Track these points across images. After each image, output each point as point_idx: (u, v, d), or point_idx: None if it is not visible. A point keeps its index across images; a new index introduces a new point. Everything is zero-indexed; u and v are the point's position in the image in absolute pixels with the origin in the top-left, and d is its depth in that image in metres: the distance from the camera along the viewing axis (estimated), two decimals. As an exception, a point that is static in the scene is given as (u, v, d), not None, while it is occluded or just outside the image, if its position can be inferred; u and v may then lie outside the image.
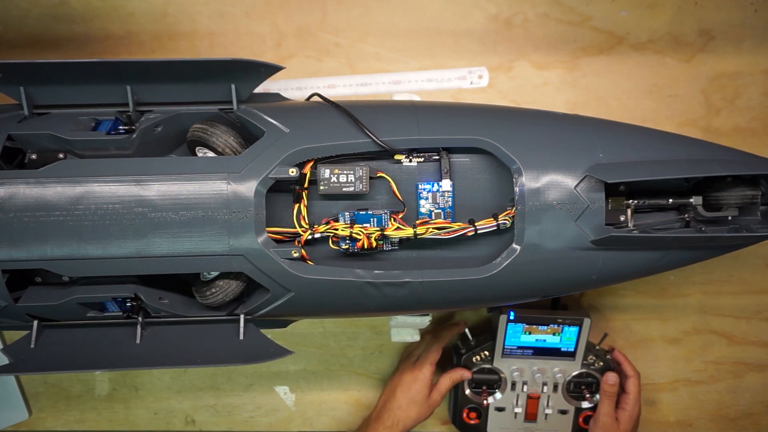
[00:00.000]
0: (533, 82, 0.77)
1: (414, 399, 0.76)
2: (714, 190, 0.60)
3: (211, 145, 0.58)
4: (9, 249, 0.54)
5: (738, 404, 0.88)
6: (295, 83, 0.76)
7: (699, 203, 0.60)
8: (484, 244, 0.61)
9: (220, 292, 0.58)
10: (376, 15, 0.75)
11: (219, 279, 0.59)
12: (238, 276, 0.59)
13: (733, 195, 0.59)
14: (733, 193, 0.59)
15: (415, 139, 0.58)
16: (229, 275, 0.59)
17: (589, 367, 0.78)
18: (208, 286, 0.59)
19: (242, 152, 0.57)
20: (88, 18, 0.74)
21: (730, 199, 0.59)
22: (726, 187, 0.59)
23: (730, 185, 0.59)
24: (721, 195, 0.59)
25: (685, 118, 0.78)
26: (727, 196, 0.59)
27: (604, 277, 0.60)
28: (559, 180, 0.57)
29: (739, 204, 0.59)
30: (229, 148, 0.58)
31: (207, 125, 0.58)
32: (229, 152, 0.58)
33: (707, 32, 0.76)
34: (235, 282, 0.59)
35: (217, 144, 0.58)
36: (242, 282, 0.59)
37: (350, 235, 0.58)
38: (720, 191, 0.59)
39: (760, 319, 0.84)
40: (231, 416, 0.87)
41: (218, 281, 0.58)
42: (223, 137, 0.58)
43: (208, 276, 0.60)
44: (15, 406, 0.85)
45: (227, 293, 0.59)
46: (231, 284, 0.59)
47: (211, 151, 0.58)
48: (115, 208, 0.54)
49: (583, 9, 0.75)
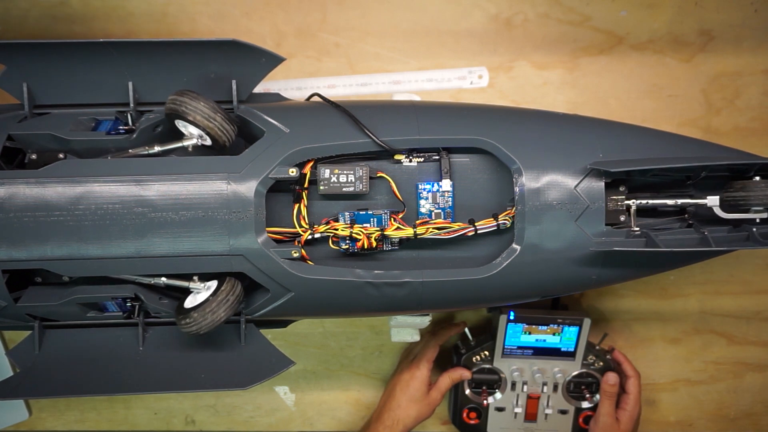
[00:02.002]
0: (533, 82, 0.77)
1: (413, 397, 0.76)
2: (734, 190, 0.57)
3: (188, 118, 0.55)
4: (9, 249, 0.54)
5: (738, 404, 0.88)
6: (295, 83, 0.76)
7: (716, 204, 0.58)
8: (484, 244, 0.61)
9: (194, 324, 0.55)
10: (376, 15, 0.75)
11: (194, 311, 0.55)
12: (217, 309, 0.55)
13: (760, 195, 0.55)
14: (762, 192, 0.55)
15: (415, 139, 0.58)
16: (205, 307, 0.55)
17: (589, 367, 0.78)
18: (183, 315, 0.55)
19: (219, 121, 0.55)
20: (88, 18, 0.74)
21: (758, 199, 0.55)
22: (752, 187, 0.56)
23: (757, 184, 0.56)
24: (748, 195, 0.56)
25: (685, 118, 0.78)
26: (755, 197, 0.55)
27: (604, 277, 0.60)
28: (559, 180, 0.57)
29: None
30: (206, 117, 0.55)
31: (180, 95, 0.55)
32: (208, 123, 0.55)
33: (707, 32, 0.76)
34: (212, 315, 0.55)
35: (192, 115, 0.55)
36: (223, 314, 0.55)
37: (350, 235, 0.58)
38: (746, 191, 0.56)
39: (760, 319, 0.84)
40: (231, 416, 0.87)
41: (193, 312, 0.55)
42: (198, 107, 0.55)
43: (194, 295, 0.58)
44: (15, 406, 0.85)
45: (201, 326, 0.55)
46: (206, 317, 0.55)
47: (189, 124, 0.56)
48: (115, 208, 0.54)
49: (583, 9, 0.75)
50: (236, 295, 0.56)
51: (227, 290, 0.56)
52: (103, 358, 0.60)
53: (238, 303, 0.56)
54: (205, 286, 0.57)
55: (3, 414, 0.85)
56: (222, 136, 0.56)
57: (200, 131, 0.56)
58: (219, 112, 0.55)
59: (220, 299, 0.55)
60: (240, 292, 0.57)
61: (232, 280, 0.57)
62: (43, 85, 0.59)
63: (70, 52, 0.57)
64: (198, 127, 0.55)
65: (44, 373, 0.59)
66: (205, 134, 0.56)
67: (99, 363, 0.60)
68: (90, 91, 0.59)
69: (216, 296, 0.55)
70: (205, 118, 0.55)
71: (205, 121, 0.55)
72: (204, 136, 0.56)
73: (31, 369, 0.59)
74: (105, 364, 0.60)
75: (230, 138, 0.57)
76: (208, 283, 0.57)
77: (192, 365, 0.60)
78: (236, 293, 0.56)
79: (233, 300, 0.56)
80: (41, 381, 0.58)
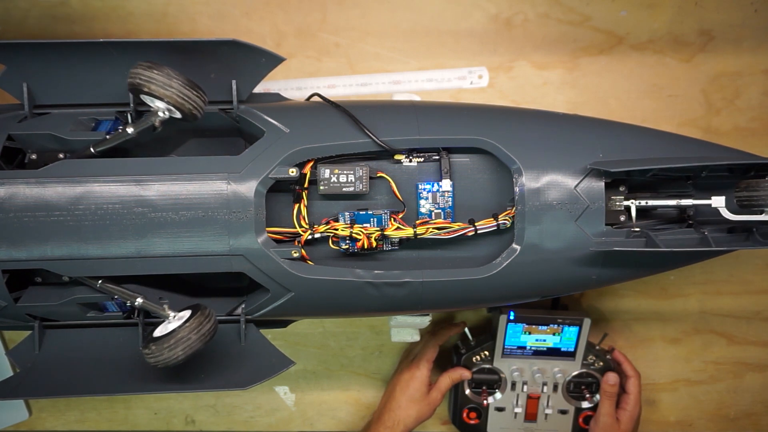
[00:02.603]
0: (533, 82, 0.77)
1: (413, 397, 0.76)
2: (745, 189, 0.55)
3: (144, 90, 0.52)
4: (9, 249, 0.54)
5: (738, 404, 0.88)
6: (295, 83, 0.76)
7: (721, 204, 0.56)
8: (484, 244, 0.61)
9: (152, 356, 0.52)
10: (376, 15, 0.75)
11: (154, 343, 0.52)
12: (174, 347, 0.52)
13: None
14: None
15: (415, 139, 0.58)
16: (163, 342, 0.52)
17: (589, 367, 0.78)
18: (145, 344, 0.53)
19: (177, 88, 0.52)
20: (88, 18, 0.74)
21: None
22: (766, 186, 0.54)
23: None
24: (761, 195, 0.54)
25: (685, 118, 0.78)
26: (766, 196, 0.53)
27: (604, 277, 0.60)
28: (559, 180, 0.57)
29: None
30: (161, 86, 0.52)
31: (136, 68, 0.52)
32: (165, 91, 0.52)
33: (707, 32, 0.76)
34: (168, 352, 0.52)
35: (147, 87, 0.52)
36: (181, 353, 0.52)
37: (350, 235, 0.58)
38: (758, 191, 0.54)
39: (760, 319, 0.84)
40: (231, 416, 0.87)
41: (152, 344, 0.52)
42: (152, 77, 0.52)
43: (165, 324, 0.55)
44: (15, 406, 0.85)
45: (158, 360, 0.52)
46: (162, 353, 0.52)
47: (148, 96, 0.53)
48: (115, 208, 0.54)
49: (583, 9, 0.75)
50: (200, 333, 0.53)
51: (190, 327, 0.52)
52: (103, 358, 0.60)
53: (202, 341, 0.53)
54: (175, 317, 0.55)
55: (3, 414, 0.85)
56: (185, 104, 0.53)
57: (164, 103, 0.53)
58: (176, 79, 0.52)
59: (179, 336, 0.52)
60: (208, 330, 0.53)
61: (204, 314, 0.53)
62: (43, 85, 0.59)
63: (70, 52, 0.57)
64: (156, 98, 0.52)
65: (44, 373, 0.59)
66: (169, 105, 0.53)
67: (99, 363, 0.60)
68: (90, 91, 0.59)
69: (175, 333, 0.52)
70: (161, 86, 0.52)
71: (161, 90, 0.52)
72: (170, 108, 0.53)
73: (31, 369, 0.59)
74: (105, 364, 0.60)
75: (196, 106, 0.53)
76: (180, 313, 0.55)
77: (192, 365, 0.60)
78: (201, 332, 0.53)
79: (195, 339, 0.52)
80: (41, 381, 0.58)
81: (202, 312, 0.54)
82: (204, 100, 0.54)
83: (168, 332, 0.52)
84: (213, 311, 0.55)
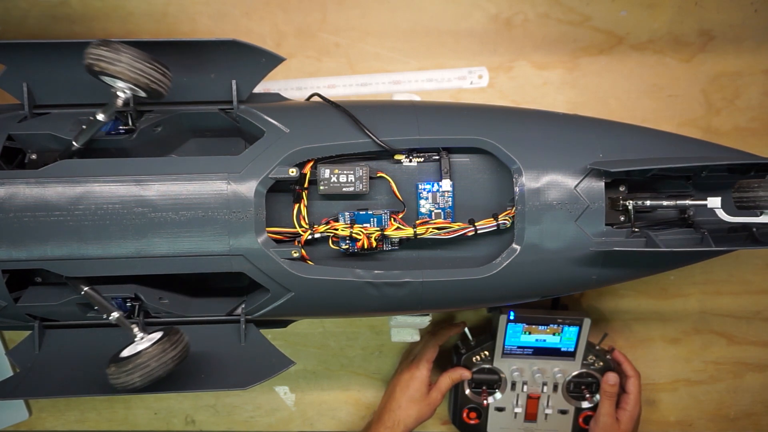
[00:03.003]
0: (533, 82, 0.77)
1: (413, 397, 0.76)
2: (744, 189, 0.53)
3: (94, 69, 0.50)
4: (9, 249, 0.54)
5: (738, 404, 0.88)
6: (295, 83, 0.76)
7: (717, 205, 0.54)
8: (484, 244, 0.61)
9: (111, 378, 0.50)
10: (376, 15, 0.75)
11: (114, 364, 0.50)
12: (132, 372, 0.50)
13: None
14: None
15: (415, 139, 0.58)
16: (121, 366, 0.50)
17: (589, 367, 0.78)
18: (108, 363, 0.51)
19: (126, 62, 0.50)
20: (88, 18, 0.74)
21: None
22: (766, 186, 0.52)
23: None
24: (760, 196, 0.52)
25: (685, 118, 0.78)
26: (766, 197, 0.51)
27: (604, 277, 0.60)
28: (559, 180, 0.57)
29: None
30: (110, 62, 0.49)
31: (93, 48, 0.50)
32: (115, 67, 0.50)
33: (707, 32, 0.76)
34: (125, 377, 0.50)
35: (97, 65, 0.49)
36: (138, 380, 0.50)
37: (350, 235, 0.58)
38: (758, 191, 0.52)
39: (760, 319, 0.84)
40: (231, 416, 0.87)
41: (112, 365, 0.50)
42: (98, 53, 0.49)
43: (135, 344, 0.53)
44: (15, 406, 0.85)
45: (116, 383, 0.50)
46: (120, 377, 0.50)
47: (111, 77, 0.50)
48: (115, 208, 0.54)
49: (583, 9, 0.75)
50: (161, 361, 0.50)
51: (151, 354, 0.50)
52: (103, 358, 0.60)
53: (163, 369, 0.50)
54: (143, 338, 0.53)
55: (3, 414, 0.85)
56: (139, 78, 0.50)
57: (121, 82, 0.50)
58: (126, 53, 0.50)
59: (138, 362, 0.50)
60: (171, 358, 0.51)
61: (171, 340, 0.51)
62: (43, 85, 0.59)
63: (70, 52, 0.57)
64: (110, 76, 0.50)
65: (44, 373, 0.59)
66: (125, 82, 0.50)
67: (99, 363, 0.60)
68: (90, 91, 0.59)
69: (135, 358, 0.50)
70: (110, 63, 0.49)
71: (111, 67, 0.49)
72: (130, 86, 0.51)
73: (31, 369, 0.59)
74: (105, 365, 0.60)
75: (153, 79, 0.51)
76: (150, 335, 0.53)
77: (192, 365, 0.60)
78: (162, 359, 0.50)
79: (154, 366, 0.50)
80: (41, 381, 0.58)
81: (170, 338, 0.51)
82: (165, 74, 0.52)
83: (130, 355, 0.50)
84: (184, 336, 0.53)
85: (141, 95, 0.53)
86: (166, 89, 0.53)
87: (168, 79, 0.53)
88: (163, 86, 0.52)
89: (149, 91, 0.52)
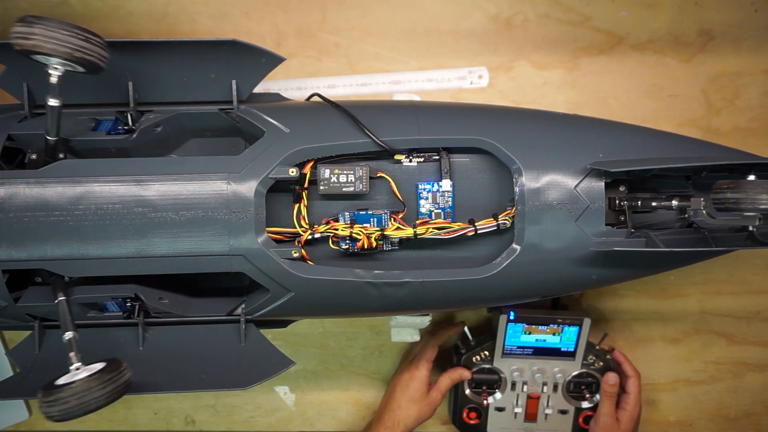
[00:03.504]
0: (533, 82, 0.77)
1: (413, 397, 0.76)
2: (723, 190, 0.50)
3: (17, 49, 0.48)
4: (9, 249, 0.54)
5: (738, 404, 0.88)
6: (295, 83, 0.76)
7: (699, 206, 0.54)
8: (484, 244, 0.61)
9: (41, 406, 0.48)
10: (376, 15, 0.75)
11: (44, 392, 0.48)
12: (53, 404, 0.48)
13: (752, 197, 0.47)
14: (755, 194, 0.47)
15: (415, 139, 0.58)
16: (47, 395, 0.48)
17: (589, 367, 0.78)
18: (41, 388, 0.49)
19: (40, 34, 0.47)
20: (88, 18, 0.74)
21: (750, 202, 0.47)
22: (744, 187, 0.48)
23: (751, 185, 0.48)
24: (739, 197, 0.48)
25: (685, 118, 0.78)
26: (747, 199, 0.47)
27: (604, 277, 0.60)
28: (559, 180, 0.57)
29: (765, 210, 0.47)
30: (37, 39, 0.47)
31: (16, 27, 0.48)
32: (54, 47, 0.48)
33: (707, 32, 0.76)
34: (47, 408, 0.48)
35: (20, 45, 0.48)
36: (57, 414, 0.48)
37: (350, 235, 0.58)
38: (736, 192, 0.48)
39: (760, 319, 0.84)
40: (231, 416, 0.87)
41: (40, 392, 0.48)
42: (18, 31, 0.47)
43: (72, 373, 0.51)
44: (15, 406, 0.85)
45: (41, 410, 0.48)
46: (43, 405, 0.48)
47: (42, 54, 0.49)
48: (115, 208, 0.54)
49: (583, 9, 0.75)
50: (81, 401, 0.48)
51: (74, 390, 0.48)
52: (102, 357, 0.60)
53: (83, 409, 0.48)
54: (79, 368, 0.51)
55: (3, 414, 0.85)
56: (58, 48, 0.48)
57: (50, 57, 0.48)
58: (39, 25, 0.47)
59: (58, 396, 0.47)
60: (95, 398, 0.49)
61: (102, 378, 0.49)
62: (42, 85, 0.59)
63: None
64: (32, 52, 0.48)
65: (44, 373, 0.59)
66: (52, 56, 0.48)
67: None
68: (90, 91, 0.59)
69: (57, 391, 0.48)
70: (24, 37, 0.47)
71: (25, 42, 0.48)
72: (60, 60, 0.49)
73: (31, 369, 0.59)
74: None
75: (75, 47, 0.49)
76: (90, 366, 0.51)
77: (192, 365, 0.60)
78: (83, 399, 0.48)
79: (74, 404, 0.48)
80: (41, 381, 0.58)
81: (101, 375, 0.49)
82: (93, 42, 0.49)
83: (61, 384, 0.48)
84: (126, 371, 0.51)
85: (78, 69, 0.50)
86: (100, 59, 0.50)
87: (101, 48, 0.50)
88: (95, 55, 0.50)
89: (79, 62, 0.49)
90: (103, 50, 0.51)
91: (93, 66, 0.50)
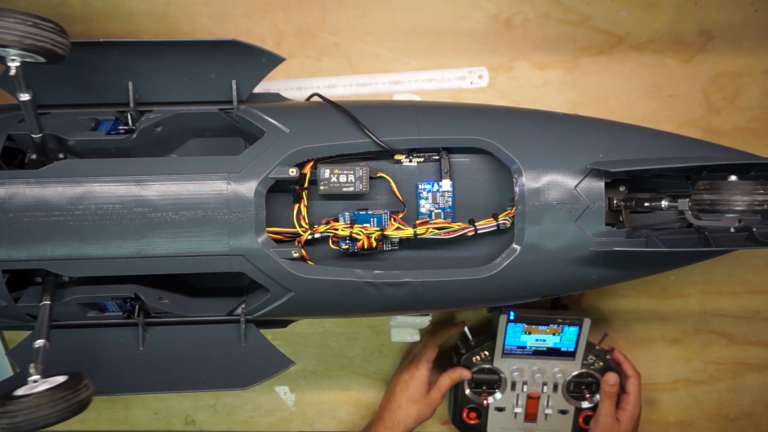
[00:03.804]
0: (533, 82, 0.77)
1: (413, 397, 0.76)
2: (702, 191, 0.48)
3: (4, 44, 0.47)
4: (9, 249, 0.54)
5: (738, 404, 0.88)
6: (295, 83, 0.76)
7: (685, 207, 0.52)
8: (484, 244, 0.61)
9: None
10: (376, 15, 0.75)
11: None
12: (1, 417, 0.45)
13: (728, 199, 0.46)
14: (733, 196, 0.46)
15: (415, 139, 0.58)
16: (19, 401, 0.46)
17: (589, 367, 0.78)
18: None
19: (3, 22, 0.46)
20: (88, 18, 0.74)
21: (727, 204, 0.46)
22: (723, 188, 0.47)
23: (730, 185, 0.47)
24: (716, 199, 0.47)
25: (685, 118, 0.78)
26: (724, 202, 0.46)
27: (604, 277, 0.60)
28: (559, 180, 0.57)
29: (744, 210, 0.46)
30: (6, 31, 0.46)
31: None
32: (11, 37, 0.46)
33: (707, 32, 0.76)
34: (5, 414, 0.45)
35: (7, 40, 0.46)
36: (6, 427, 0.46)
37: (350, 235, 0.58)
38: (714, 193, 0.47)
39: (760, 319, 0.84)
40: (231, 416, 0.87)
41: None
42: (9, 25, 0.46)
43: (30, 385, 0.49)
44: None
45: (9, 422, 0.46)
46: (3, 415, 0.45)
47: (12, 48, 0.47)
48: (115, 208, 0.54)
49: (583, 9, 0.75)
50: (30, 417, 0.45)
51: (23, 405, 0.45)
52: (103, 358, 0.60)
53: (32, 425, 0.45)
54: (37, 381, 0.49)
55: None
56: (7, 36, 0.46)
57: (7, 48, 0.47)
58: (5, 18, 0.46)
59: (7, 409, 0.45)
60: (44, 415, 0.46)
61: (55, 395, 0.46)
62: (43, 85, 0.59)
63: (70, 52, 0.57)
64: None
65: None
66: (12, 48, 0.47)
67: (99, 363, 0.60)
68: (90, 91, 0.59)
69: (8, 404, 0.46)
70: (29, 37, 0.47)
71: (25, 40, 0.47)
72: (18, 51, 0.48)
73: None
74: (105, 364, 0.60)
75: (25, 34, 0.47)
76: (50, 378, 0.49)
77: (192, 365, 0.60)
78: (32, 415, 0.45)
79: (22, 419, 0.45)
80: None
81: (53, 393, 0.46)
82: (49, 29, 0.48)
83: (18, 396, 0.46)
84: (90, 386, 0.49)
85: (39, 59, 0.49)
86: (57, 45, 0.49)
87: (55, 34, 0.48)
88: (49, 41, 0.48)
89: (32, 49, 0.47)
90: (58, 36, 0.48)
91: (50, 54, 0.48)
